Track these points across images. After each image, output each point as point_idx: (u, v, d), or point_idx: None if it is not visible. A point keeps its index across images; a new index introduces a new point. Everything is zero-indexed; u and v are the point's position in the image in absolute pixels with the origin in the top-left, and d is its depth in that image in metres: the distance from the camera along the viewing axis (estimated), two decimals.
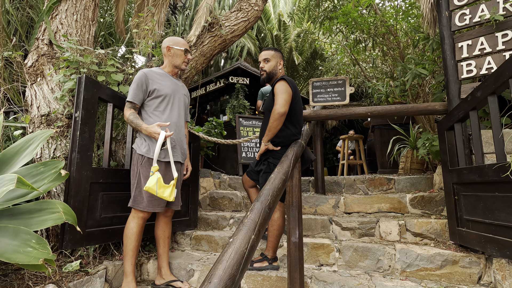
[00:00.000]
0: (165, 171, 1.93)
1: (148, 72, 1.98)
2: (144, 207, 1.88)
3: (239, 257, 0.88)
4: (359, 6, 3.90)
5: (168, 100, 1.99)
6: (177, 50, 2.06)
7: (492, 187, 1.66)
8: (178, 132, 2.04)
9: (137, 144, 1.96)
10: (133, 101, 1.92)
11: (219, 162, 5.70)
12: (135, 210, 1.91)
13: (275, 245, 2.09)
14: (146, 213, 1.91)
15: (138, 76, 1.94)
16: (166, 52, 2.07)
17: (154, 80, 1.97)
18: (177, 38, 2.09)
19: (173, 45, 2.05)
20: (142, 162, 1.91)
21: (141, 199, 1.89)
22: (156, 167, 1.81)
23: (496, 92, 1.65)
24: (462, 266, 1.87)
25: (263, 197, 1.25)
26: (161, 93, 1.96)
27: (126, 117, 1.91)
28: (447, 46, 2.37)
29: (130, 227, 1.89)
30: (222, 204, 3.35)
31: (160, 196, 1.79)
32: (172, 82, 2.05)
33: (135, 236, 1.88)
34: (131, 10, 4.79)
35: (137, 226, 1.89)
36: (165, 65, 2.11)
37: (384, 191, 3.09)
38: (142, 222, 1.91)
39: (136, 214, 1.91)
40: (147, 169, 1.90)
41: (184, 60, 2.09)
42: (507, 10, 2.11)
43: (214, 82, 6.85)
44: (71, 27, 2.53)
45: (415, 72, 2.93)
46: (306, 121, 2.76)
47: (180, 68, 2.11)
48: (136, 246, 1.89)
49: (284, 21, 9.57)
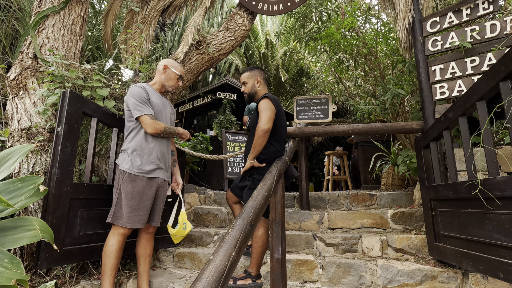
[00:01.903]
0: (145, 187, 1.92)
1: (145, 86, 2.01)
2: (124, 223, 1.85)
3: (218, 275, 0.89)
4: (341, 28, 4.10)
5: (157, 117, 2.02)
6: (173, 73, 2.13)
7: (465, 204, 1.74)
8: (163, 148, 2.05)
9: (120, 159, 1.95)
10: (151, 113, 1.94)
11: (205, 177, 5.66)
12: (115, 226, 1.87)
13: (259, 262, 2.08)
14: (126, 230, 1.88)
15: (141, 91, 1.96)
16: (161, 70, 2.12)
17: (151, 95, 2.01)
18: (176, 63, 2.18)
19: (170, 66, 2.12)
20: (124, 178, 1.89)
21: (121, 215, 1.86)
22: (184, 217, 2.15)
23: (465, 114, 1.77)
24: (441, 281, 1.91)
25: (245, 214, 1.26)
26: (154, 109, 1.99)
27: (162, 127, 1.95)
28: (422, 69, 2.52)
29: (109, 244, 1.84)
30: (206, 220, 3.31)
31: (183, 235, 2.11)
32: (160, 99, 2.09)
33: (114, 253, 1.83)
34: (120, 25, 4.84)
35: (117, 243, 1.85)
36: (155, 81, 2.14)
37: (367, 207, 3.15)
38: (122, 239, 1.87)
39: (116, 231, 1.87)
40: (127, 185, 1.88)
41: (174, 84, 2.15)
42: (474, 38, 2.28)
43: (201, 97, 6.91)
44: (58, 41, 2.54)
45: (394, 92, 3.07)
46: (290, 137, 2.82)
47: (167, 90, 2.17)
48: (115, 264, 1.83)
49: (271, 40, 9.87)
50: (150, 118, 1.91)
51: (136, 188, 1.88)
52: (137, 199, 1.88)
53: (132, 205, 1.86)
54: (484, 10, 2.27)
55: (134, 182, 1.88)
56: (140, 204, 1.89)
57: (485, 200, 1.53)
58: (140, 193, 1.89)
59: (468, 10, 2.35)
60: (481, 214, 1.60)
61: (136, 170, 1.89)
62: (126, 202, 1.86)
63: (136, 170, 1.89)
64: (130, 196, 1.87)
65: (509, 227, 1.41)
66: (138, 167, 1.90)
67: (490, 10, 2.25)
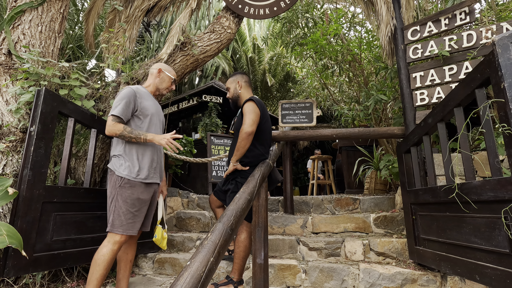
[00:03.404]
0: (144, 193, 1.85)
1: (137, 89, 1.93)
2: (124, 230, 1.75)
3: (195, 281, 0.85)
4: (327, 34, 4.17)
5: (151, 120, 1.96)
6: (167, 77, 2.10)
7: (444, 207, 1.77)
8: (159, 153, 2.00)
9: (115, 164, 1.84)
10: (120, 115, 1.82)
11: (189, 181, 5.57)
12: (113, 234, 1.76)
13: (241, 267, 2.04)
14: (124, 238, 1.78)
15: (127, 92, 1.87)
16: (155, 73, 2.08)
17: (143, 98, 1.93)
18: (169, 67, 2.16)
19: (165, 70, 2.10)
20: (122, 184, 1.79)
21: (120, 223, 1.76)
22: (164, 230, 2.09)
23: (444, 119, 1.81)
24: (420, 285, 1.94)
25: (226, 217, 1.23)
26: (147, 112, 1.93)
27: (120, 130, 1.78)
28: (403, 76, 2.58)
29: (102, 253, 1.72)
30: (189, 224, 3.24)
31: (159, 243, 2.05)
32: (154, 102, 2.04)
33: (105, 264, 1.70)
34: (103, 24, 4.72)
35: (111, 253, 1.73)
36: (149, 84, 2.08)
37: (350, 211, 3.18)
38: (117, 248, 1.76)
39: (112, 239, 1.75)
40: (126, 191, 1.78)
41: (168, 86, 2.12)
42: (452, 47, 2.36)
43: (187, 99, 6.82)
44: (35, 38, 2.43)
45: (376, 98, 3.14)
46: (275, 141, 2.81)
47: (161, 93, 2.12)
48: (104, 275, 1.71)
49: (258, 44, 9.92)
50: (111, 120, 1.81)
51: (135, 195, 1.81)
52: (137, 205, 1.81)
53: (133, 212, 1.79)
54: (461, 20, 2.36)
55: (134, 188, 1.80)
56: (139, 211, 1.83)
57: (462, 204, 1.57)
58: (139, 199, 1.82)
59: (446, 20, 2.43)
60: (459, 217, 1.63)
61: (134, 176, 1.81)
62: (126, 209, 1.77)
63: (134, 176, 1.81)
64: (131, 202, 1.79)
65: (485, 230, 1.44)
66: (137, 172, 1.82)
67: (467, 21, 2.34)
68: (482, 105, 1.44)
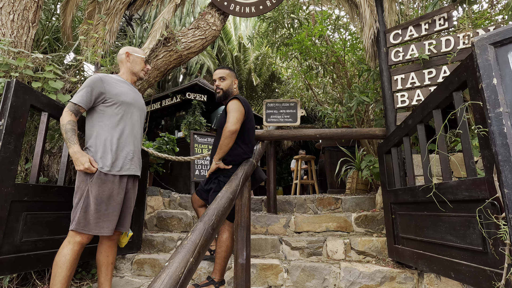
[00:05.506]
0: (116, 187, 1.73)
1: (104, 76, 1.81)
2: (90, 230, 1.63)
3: (173, 283, 0.82)
4: (312, 35, 4.21)
5: (127, 108, 1.83)
6: (137, 57, 1.98)
7: (422, 207, 1.82)
8: (137, 143, 1.89)
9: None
10: (78, 103, 1.69)
11: (172, 180, 5.46)
12: (74, 233, 1.64)
13: (222, 268, 2.01)
14: (86, 238, 1.66)
15: (91, 79, 1.75)
16: (124, 59, 1.96)
17: (112, 85, 1.80)
18: (135, 48, 2.03)
19: (132, 52, 1.97)
20: (93, 179, 1.67)
21: (87, 222, 1.64)
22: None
23: (423, 121, 1.86)
24: (399, 282, 1.99)
25: (207, 217, 1.20)
26: (121, 98, 1.80)
27: (64, 122, 1.68)
28: (385, 78, 2.64)
29: (62, 254, 1.61)
30: (170, 224, 3.16)
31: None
32: (132, 89, 1.92)
33: (67, 264, 1.60)
34: (82, 16, 4.53)
35: (72, 253, 1.62)
36: (123, 72, 1.97)
37: (332, 211, 3.21)
38: (78, 249, 1.65)
39: (72, 239, 1.63)
40: (99, 187, 1.66)
41: (143, 67, 2.00)
42: (431, 51, 2.44)
43: (170, 97, 6.69)
44: (6, 27, 2.29)
45: (359, 99, 3.19)
46: (259, 140, 2.80)
47: (139, 76, 2.01)
48: (68, 277, 1.61)
49: (244, 43, 9.89)
50: (67, 107, 1.70)
51: (107, 191, 1.68)
52: (108, 202, 1.68)
53: (102, 211, 1.67)
54: (440, 26, 2.44)
55: (105, 184, 1.68)
56: (111, 209, 1.70)
57: (438, 203, 1.61)
58: (111, 197, 1.69)
59: (426, 25, 2.51)
60: (435, 216, 1.68)
61: (107, 169, 1.69)
62: (95, 207, 1.65)
63: (107, 169, 1.69)
64: (101, 200, 1.66)
65: (460, 228, 1.49)
66: (111, 165, 1.71)
67: (446, 27, 2.42)
68: (460, 106, 1.49)
